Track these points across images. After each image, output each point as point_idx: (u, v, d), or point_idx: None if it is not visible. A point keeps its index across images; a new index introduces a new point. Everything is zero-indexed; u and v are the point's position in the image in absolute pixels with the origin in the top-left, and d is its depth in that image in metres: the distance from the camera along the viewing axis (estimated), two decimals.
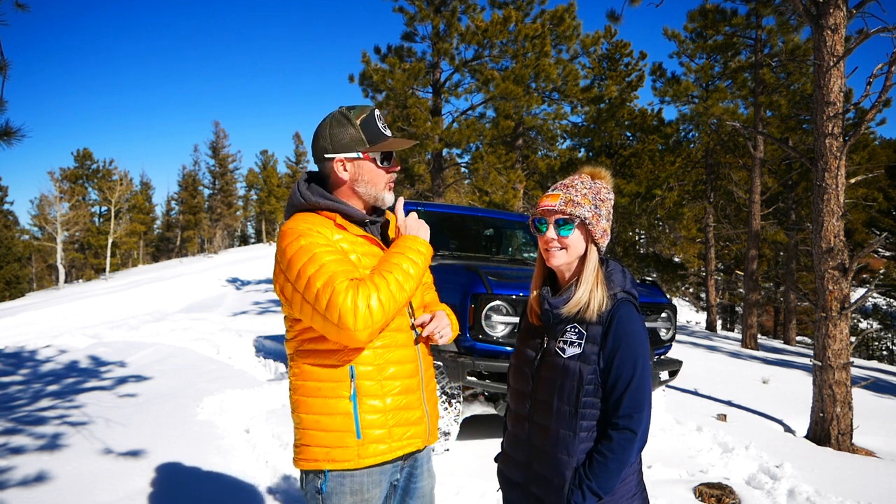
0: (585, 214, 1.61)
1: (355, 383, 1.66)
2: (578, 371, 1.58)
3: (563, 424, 1.59)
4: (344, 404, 1.66)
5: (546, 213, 1.65)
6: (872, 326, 29.29)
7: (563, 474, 1.58)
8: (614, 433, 1.54)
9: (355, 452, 1.66)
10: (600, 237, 1.64)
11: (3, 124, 3.80)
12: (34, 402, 5.22)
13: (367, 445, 1.66)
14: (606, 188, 1.69)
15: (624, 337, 1.57)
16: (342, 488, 1.68)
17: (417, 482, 1.86)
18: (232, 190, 59.03)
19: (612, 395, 1.57)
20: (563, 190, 1.66)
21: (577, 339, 1.61)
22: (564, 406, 1.59)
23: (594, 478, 1.54)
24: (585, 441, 1.58)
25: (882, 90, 5.42)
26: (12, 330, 13.00)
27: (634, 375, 1.55)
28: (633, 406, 1.54)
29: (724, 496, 3.75)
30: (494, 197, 15.43)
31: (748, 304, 15.71)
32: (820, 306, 5.70)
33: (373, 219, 1.83)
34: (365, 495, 1.69)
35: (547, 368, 1.65)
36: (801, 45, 14.82)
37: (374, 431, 1.67)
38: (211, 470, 3.76)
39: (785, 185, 19.08)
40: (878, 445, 5.73)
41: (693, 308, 35.30)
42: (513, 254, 6.24)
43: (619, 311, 1.60)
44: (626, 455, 1.54)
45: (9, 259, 38.86)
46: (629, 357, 1.56)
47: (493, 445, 4.56)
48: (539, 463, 1.65)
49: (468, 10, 14.98)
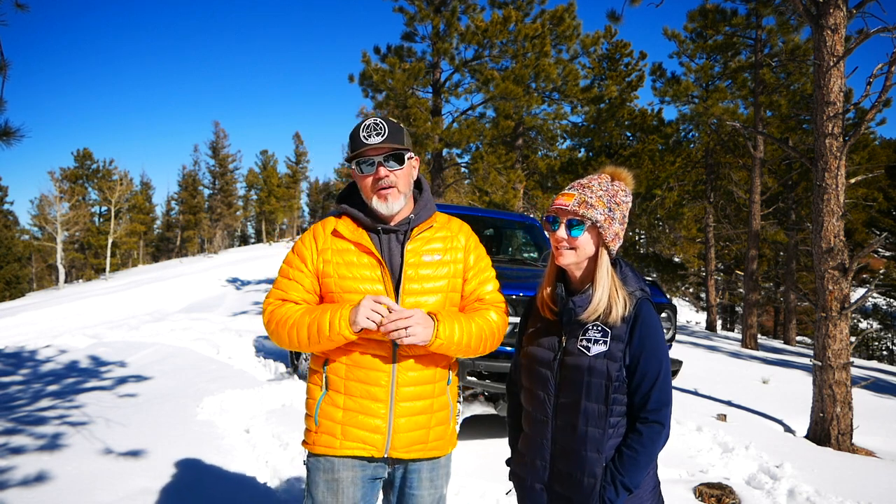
0: (598, 218, 1.59)
1: (326, 376, 1.81)
2: (606, 369, 1.58)
3: (592, 422, 1.59)
4: (316, 392, 1.84)
5: (559, 212, 1.64)
6: (872, 326, 29.28)
7: (594, 472, 1.59)
8: (643, 427, 1.57)
9: (313, 438, 1.83)
10: (611, 241, 1.62)
11: (3, 124, 3.80)
12: (34, 402, 5.22)
13: (321, 435, 1.80)
14: (624, 191, 1.67)
15: (649, 334, 1.59)
16: (317, 465, 1.82)
17: (415, 489, 1.85)
18: (232, 190, 59.02)
19: (638, 391, 1.59)
20: (579, 190, 1.64)
21: (602, 336, 1.61)
22: (593, 405, 1.59)
23: (626, 472, 1.57)
24: (613, 437, 1.61)
25: (882, 90, 5.42)
26: (12, 330, 13.00)
27: (661, 371, 1.58)
28: (661, 400, 1.58)
29: (724, 496, 3.75)
30: (494, 197, 15.43)
31: (748, 304, 15.71)
32: (820, 306, 5.70)
33: (386, 227, 1.84)
34: (335, 475, 1.80)
35: (569, 368, 1.64)
36: (801, 45, 14.82)
37: (328, 423, 1.79)
38: (211, 470, 3.76)
39: (785, 185, 19.08)
40: (878, 445, 5.73)
41: (693, 308, 35.29)
42: (513, 254, 6.24)
43: (642, 310, 1.61)
44: (655, 448, 1.58)
45: (9, 259, 38.85)
46: (655, 354, 1.59)
47: (493, 445, 4.56)
48: (564, 462, 1.64)
49: (468, 10, 14.99)
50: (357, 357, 1.76)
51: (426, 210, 1.91)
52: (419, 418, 1.82)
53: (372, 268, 1.79)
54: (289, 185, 61.32)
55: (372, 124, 1.78)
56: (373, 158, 1.77)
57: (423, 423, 1.83)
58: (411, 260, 1.83)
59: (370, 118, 1.80)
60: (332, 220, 1.89)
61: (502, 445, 4.41)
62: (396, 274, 1.81)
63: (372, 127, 1.77)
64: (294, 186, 61.58)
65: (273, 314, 1.81)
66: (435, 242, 1.89)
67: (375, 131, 1.76)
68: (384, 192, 1.78)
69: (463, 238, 1.96)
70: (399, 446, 1.79)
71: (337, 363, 1.79)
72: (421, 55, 15.35)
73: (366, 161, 1.77)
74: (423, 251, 1.86)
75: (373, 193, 1.80)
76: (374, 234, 1.84)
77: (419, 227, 1.87)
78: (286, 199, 58.88)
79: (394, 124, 1.80)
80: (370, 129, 1.77)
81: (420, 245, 1.86)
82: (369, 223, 1.83)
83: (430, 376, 1.84)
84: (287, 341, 1.77)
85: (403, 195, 1.82)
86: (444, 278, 1.87)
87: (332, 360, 1.80)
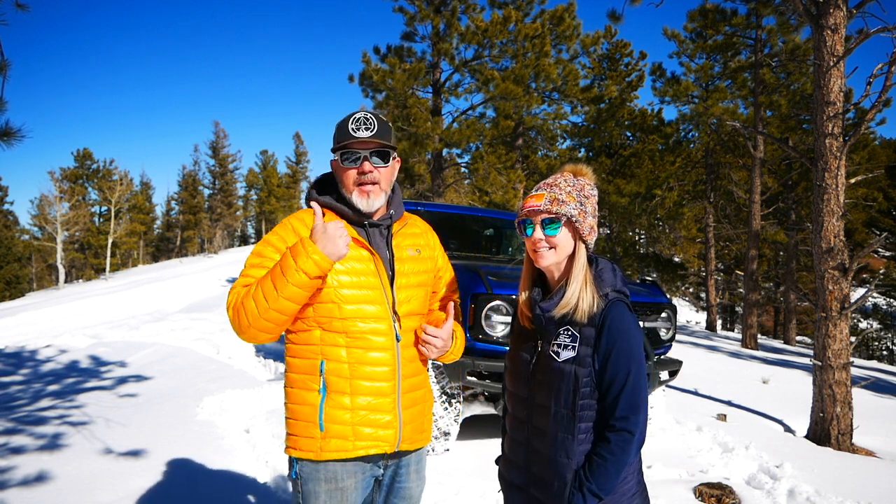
0: (571, 212, 1.61)
1: (325, 378, 1.71)
2: (574, 374, 1.57)
3: (562, 427, 1.59)
4: (312, 397, 1.72)
5: (531, 214, 1.64)
6: (872, 326, 29.29)
7: (563, 477, 1.58)
8: (612, 435, 1.54)
9: (318, 445, 1.71)
10: (587, 234, 1.64)
11: (3, 125, 3.80)
12: (34, 402, 5.22)
13: (330, 440, 1.70)
14: (590, 184, 1.69)
15: (617, 338, 1.56)
16: (316, 475, 1.73)
17: (403, 482, 1.85)
18: (232, 190, 59.02)
19: (607, 397, 1.56)
20: (547, 189, 1.65)
21: (571, 341, 1.60)
22: (562, 409, 1.59)
23: (594, 479, 1.54)
24: (584, 443, 1.58)
25: (882, 90, 5.42)
26: (12, 330, 13.00)
27: (630, 376, 1.54)
28: (630, 407, 1.54)
29: (724, 496, 3.75)
30: (494, 197, 15.44)
31: (748, 304, 15.71)
32: (820, 306, 5.70)
33: (372, 221, 1.81)
34: (339, 484, 1.73)
35: (542, 372, 1.64)
36: (801, 45, 14.82)
37: (338, 427, 1.70)
38: (211, 470, 3.76)
39: (785, 185, 19.08)
40: (878, 445, 5.73)
41: (693, 308, 35.29)
42: (513, 254, 6.24)
43: (611, 312, 1.59)
44: (624, 456, 1.54)
45: (9, 259, 38.85)
46: (623, 358, 1.55)
47: (493, 445, 4.56)
48: (538, 466, 1.65)
49: (468, 10, 14.98)
50: (360, 355, 1.72)
51: (400, 208, 1.90)
52: (420, 407, 1.85)
53: (366, 261, 1.76)
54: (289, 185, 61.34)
55: (362, 118, 1.75)
56: (360, 152, 1.74)
57: (422, 411, 1.86)
58: (399, 254, 1.84)
59: (360, 112, 1.78)
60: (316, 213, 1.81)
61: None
62: (388, 268, 1.81)
63: (362, 120, 1.74)
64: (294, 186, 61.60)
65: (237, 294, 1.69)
66: (413, 238, 1.91)
67: (365, 125, 1.73)
68: (366, 187, 1.75)
69: (431, 237, 2.01)
70: (406, 438, 1.80)
71: (337, 364, 1.72)
72: (421, 55, 15.36)
73: (352, 154, 1.75)
74: (406, 246, 1.87)
75: (354, 187, 1.76)
76: (361, 229, 1.81)
77: (398, 223, 1.89)
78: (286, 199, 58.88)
79: (383, 122, 1.78)
80: (360, 122, 1.74)
81: (402, 240, 1.87)
82: (355, 217, 1.80)
83: (421, 365, 1.88)
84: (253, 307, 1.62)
85: (384, 193, 1.80)
86: (425, 273, 1.91)
87: (330, 361, 1.72)
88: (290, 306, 1.63)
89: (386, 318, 1.74)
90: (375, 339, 1.73)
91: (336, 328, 1.71)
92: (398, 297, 1.79)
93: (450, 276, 2.06)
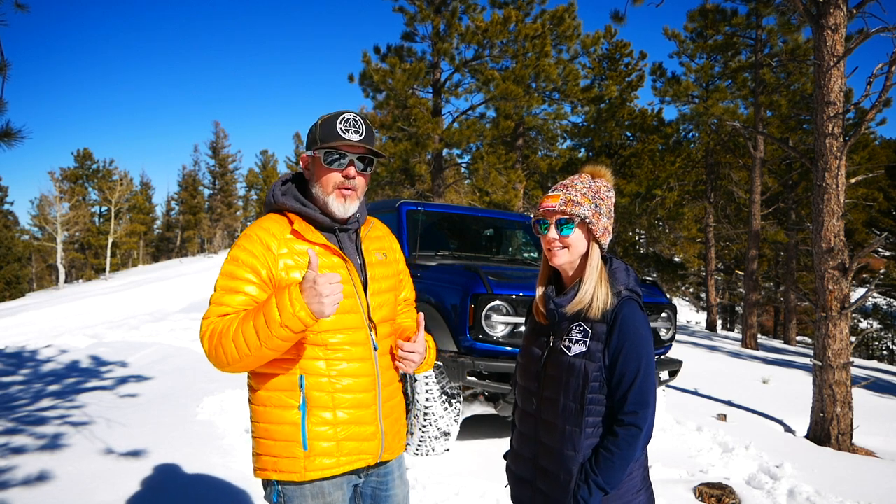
0: (586, 213, 1.64)
1: (305, 393, 1.62)
2: (584, 369, 1.61)
3: (570, 421, 1.62)
4: (292, 414, 1.62)
5: (547, 214, 1.69)
6: (872, 326, 29.26)
7: (569, 470, 1.61)
8: (620, 429, 1.58)
9: (302, 464, 1.62)
10: (602, 235, 1.67)
11: (4, 125, 3.80)
12: (35, 402, 5.22)
13: (314, 458, 1.62)
14: (607, 186, 1.72)
15: (628, 335, 1.60)
16: (302, 492, 1.65)
17: (389, 490, 1.82)
18: (232, 190, 59.09)
19: (616, 392, 1.60)
20: (563, 190, 1.69)
21: (583, 337, 1.64)
22: (570, 403, 1.62)
23: (600, 473, 1.57)
24: (591, 437, 1.61)
25: (882, 90, 5.42)
26: (13, 330, 13.01)
27: (639, 372, 1.58)
28: (638, 402, 1.57)
29: (724, 496, 3.75)
30: (494, 197, 15.44)
31: (748, 304, 15.71)
32: (820, 306, 5.70)
33: (343, 226, 1.74)
34: (327, 498, 1.66)
35: (553, 366, 1.68)
36: (802, 45, 14.81)
37: (322, 444, 1.62)
38: (211, 470, 3.76)
39: (785, 185, 19.08)
40: (878, 445, 5.73)
41: (693, 308, 35.28)
42: (513, 254, 6.24)
43: (623, 310, 1.62)
44: (631, 451, 1.57)
45: (9, 259, 38.87)
46: (633, 355, 1.59)
47: (493, 445, 4.56)
48: (545, 459, 1.68)
49: (468, 10, 14.98)
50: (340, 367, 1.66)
51: (364, 211, 1.84)
52: (397, 414, 1.82)
53: (339, 269, 1.69)
54: None
55: (351, 120, 1.67)
56: (347, 155, 1.67)
57: (399, 418, 1.83)
58: (369, 259, 1.79)
59: (348, 113, 1.69)
60: (284, 220, 1.70)
61: (502, 445, 4.42)
62: (361, 274, 1.75)
63: (351, 122, 1.67)
64: None
65: (214, 328, 1.55)
66: (378, 242, 1.88)
67: (354, 128, 1.67)
68: (346, 192, 1.68)
69: (392, 240, 1.97)
70: (388, 447, 1.76)
71: (317, 378, 1.63)
72: (421, 55, 15.35)
73: (337, 156, 1.66)
74: (374, 250, 1.83)
75: (334, 190, 1.68)
76: (331, 234, 1.74)
77: (364, 227, 1.84)
78: None
79: (370, 126, 1.73)
80: (349, 123, 1.67)
81: (369, 244, 1.83)
82: (327, 222, 1.70)
83: (395, 372, 1.84)
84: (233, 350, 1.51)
85: (359, 200, 1.74)
86: (393, 277, 1.88)
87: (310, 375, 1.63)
88: (274, 354, 1.54)
89: (363, 328, 1.69)
90: (354, 349, 1.67)
91: (314, 341, 1.63)
92: (372, 304, 1.74)
93: (408, 278, 2.02)
